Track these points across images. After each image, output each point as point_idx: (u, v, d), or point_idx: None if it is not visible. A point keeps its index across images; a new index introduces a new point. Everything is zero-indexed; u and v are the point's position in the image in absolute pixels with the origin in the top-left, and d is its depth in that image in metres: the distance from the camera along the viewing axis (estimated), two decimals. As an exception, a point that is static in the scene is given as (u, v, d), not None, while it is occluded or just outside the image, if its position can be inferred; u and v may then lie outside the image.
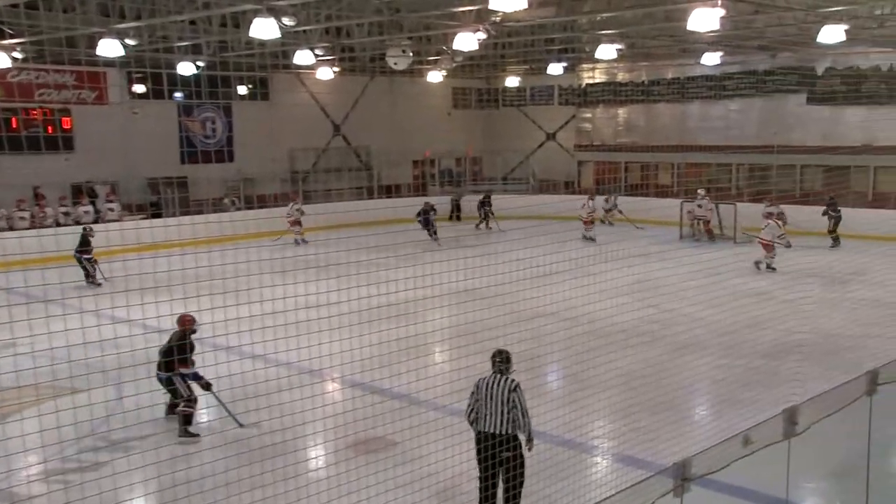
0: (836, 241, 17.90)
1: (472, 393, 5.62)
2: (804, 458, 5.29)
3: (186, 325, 7.24)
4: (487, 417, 5.47)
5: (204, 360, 4.95)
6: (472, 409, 5.61)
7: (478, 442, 5.47)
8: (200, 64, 20.66)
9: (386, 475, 5.68)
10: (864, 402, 5.99)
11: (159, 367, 7.14)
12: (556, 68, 24.78)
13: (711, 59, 21.28)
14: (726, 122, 25.10)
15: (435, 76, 25.99)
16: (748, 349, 9.72)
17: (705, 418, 8.02)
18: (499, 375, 5.63)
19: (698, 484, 4.27)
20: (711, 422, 7.49)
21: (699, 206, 19.87)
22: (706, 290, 10.44)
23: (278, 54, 21.14)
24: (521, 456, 5.40)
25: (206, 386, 7.08)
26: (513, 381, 5.61)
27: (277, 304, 5.08)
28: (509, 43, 21.82)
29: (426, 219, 19.31)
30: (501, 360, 5.74)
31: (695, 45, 20.87)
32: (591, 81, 28.87)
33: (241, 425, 7.01)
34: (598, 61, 25.02)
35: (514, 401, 5.48)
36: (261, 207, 22.18)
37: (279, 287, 5.25)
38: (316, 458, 6.69)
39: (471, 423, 5.62)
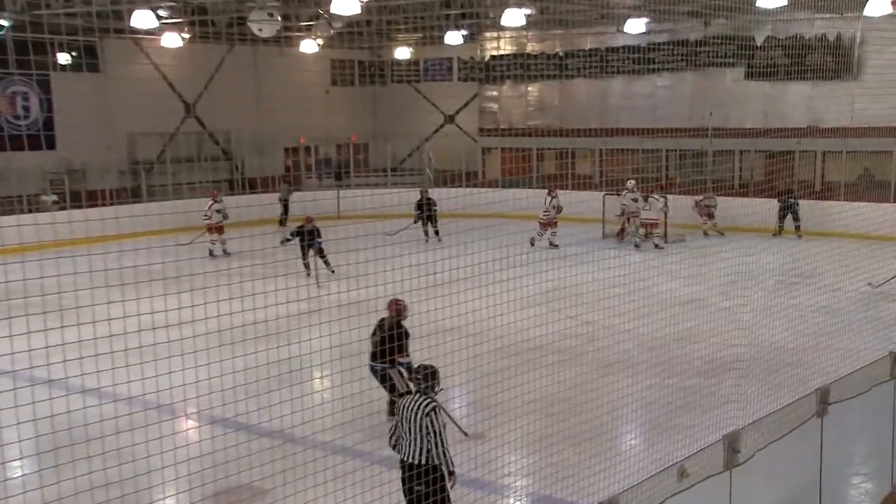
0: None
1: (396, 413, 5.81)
2: (748, 490, 5.57)
3: (401, 312, 8.35)
4: (405, 445, 5.62)
5: (17, 398, 4.72)
6: (392, 433, 5.76)
7: (401, 471, 5.62)
8: (4, 23, 19.65)
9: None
10: (815, 424, 6.37)
11: (373, 358, 8.27)
12: (454, 37, 25.04)
13: (635, 26, 22.12)
14: (653, 100, 26.12)
15: (309, 46, 25.80)
16: (681, 366, 10.14)
17: (634, 448, 8.30)
18: (419, 396, 5.74)
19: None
20: (641, 452, 7.76)
21: (634, 199, 20.52)
22: (632, 299, 10.81)
23: (109, 14, 20.42)
24: (442, 491, 5.44)
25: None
26: (429, 402, 5.70)
27: (115, 325, 4.92)
28: (398, 6, 21.93)
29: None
30: (422, 378, 5.84)
31: (616, 10, 21.65)
32: (496, 53, 29.37)
33: (466, 434, 8.02)
34: (503, 29, 25.52)
35: (427, 426, 5.54)
36: (92, 206, 21.34)
37: (117, 304, 5.08)
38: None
39: (393, 448, 5.79)
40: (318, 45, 26.06)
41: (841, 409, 6.55)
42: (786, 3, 15.36)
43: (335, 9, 15.70)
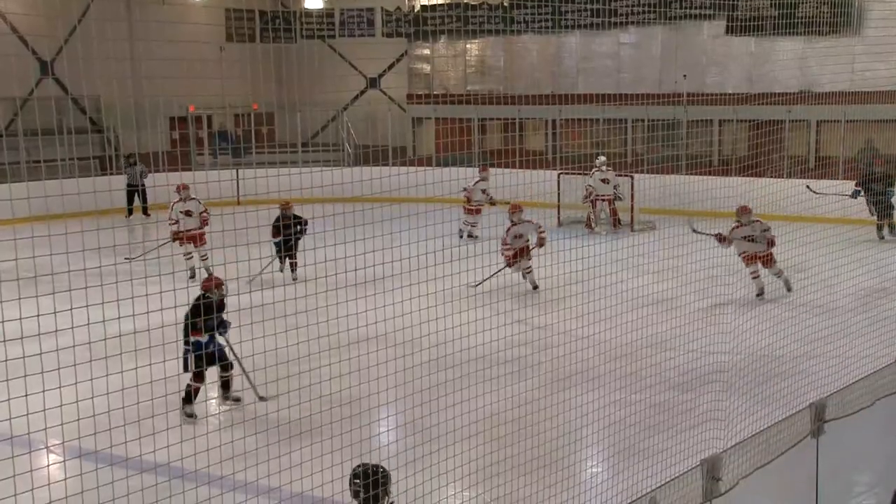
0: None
1: None
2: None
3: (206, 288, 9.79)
4: None
5: None
6: None
7: None
8: None
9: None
10: (809, 445, 6.54)
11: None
12: (378, -17, 25.07)
13: (595, -30, 22.24)
14: (617, 61, 26.45)
15: (198, -8, 25.51)
16: (651, 378, 10.31)
17: (597, 476, 8.43)
18: None
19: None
20: (606, 481, 7.89)
21: (604, 180, 20.78)
22: (593, 298, 10.88)
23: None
24: None
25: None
26: None
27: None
28: (309, -56, 21.81)
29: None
30: (362, 488, 5.66)
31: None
32: (427, 3, 29.38)
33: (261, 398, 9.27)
34: (437, -27, 25.56)
35: None
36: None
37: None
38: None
39: None
40: (210, -10, 25.81)
41: (840, 428, 6.73)
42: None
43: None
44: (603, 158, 21.02)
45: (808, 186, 16.31)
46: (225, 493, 6.48)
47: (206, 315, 9.29)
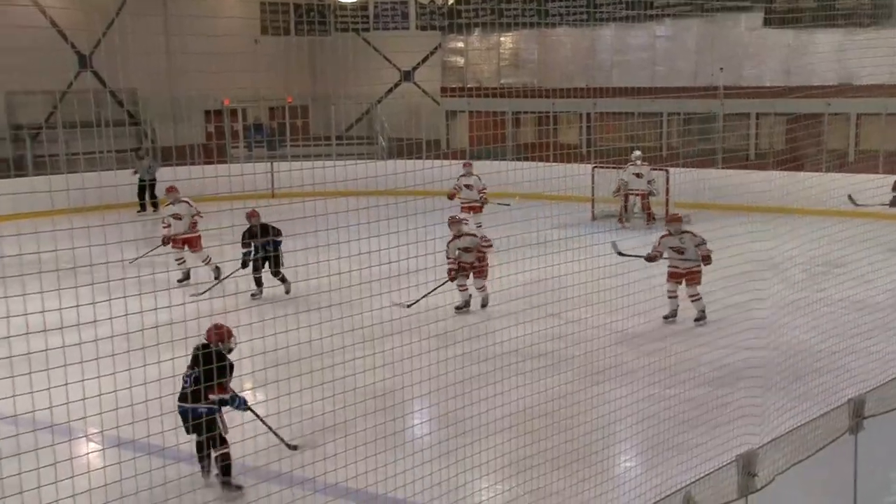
0: None
1: None
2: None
3: (223, 339, 8.09)
4: None
5: None
6: None
7: None
8: None
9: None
10: (847, 441, 6.49)
11: (183, 399, 7.66)
12: (412, -24, 25.11)
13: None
14: (652, 54, 26.28)
15: (234, -15, 25.68)
16: (685, 373, 10.25)
17: (630, 471, 8.40)
18: None
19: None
20: (639, 476, 7.86)
21: (637, 175, 20.71)
22: (627, 293, 10.84)
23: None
24: None
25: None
26: None
27: (-3, 326, 4.89)
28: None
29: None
30: None
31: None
32: (462, -5, 29.36)
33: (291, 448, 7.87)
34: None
35: None
36: None
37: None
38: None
39: None
40: (245, -16, 25.96)
41: (878, 424, 6.67)
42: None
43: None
44: (638, 153, 20.91)
45: (849, 197, 15.90)
46: (260, 483, 6.54)
47: (220, 369, 7.75)
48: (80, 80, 26.87)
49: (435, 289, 11.70)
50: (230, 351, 8.14)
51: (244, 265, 14.15)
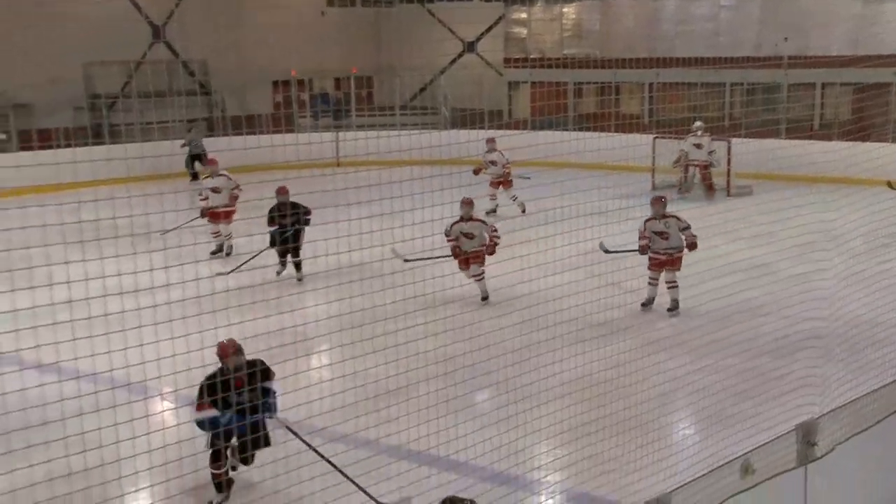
0: None
1: None
2: (827, 490, 5.62)
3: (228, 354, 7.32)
4: None
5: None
6: None
7: None
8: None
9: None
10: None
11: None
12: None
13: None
14: (715, 24, 25.84)
15: (301, -43, 25.77)
16: (745, 344, 10.16)
17: (688, 439, 8.38)
18: None
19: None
20: (697, 444, 7.83)
21: (697, 145, 20.48)
22: (686, 263, 10.79)
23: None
24: None
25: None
26: None
27: (76, 289, 5.00)
28: None
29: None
30: None
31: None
32: (525, -33, 29.14)
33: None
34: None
35: None
36: (45, 148, 21.50)
37: (77, 265, 5.17)
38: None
39: None
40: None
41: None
42: None
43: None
44: (699, 123, 20.64)
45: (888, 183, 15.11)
46: (326, 443, 6.64)
47: (224, 389, 7.14)
48: (154, 50, 27.19)
49: (437, 258, 11.02)
50: (238, 367, 7.31)
51: (273, 243, 13.50)
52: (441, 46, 30.66)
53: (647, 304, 12.32)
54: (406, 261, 10.70)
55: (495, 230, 12.27)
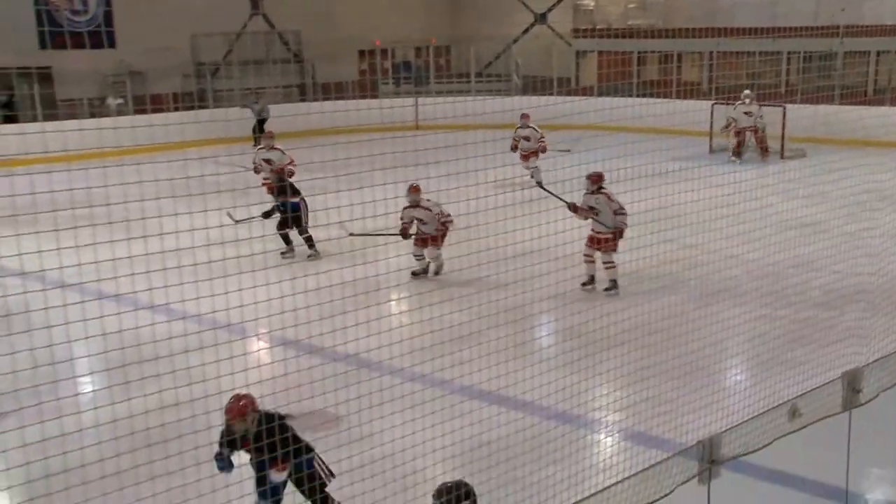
0: None
1: None
2: (870, 433, 5.51)
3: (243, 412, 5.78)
4: None
5: (85, 312, 4.98)
6: None
7: None
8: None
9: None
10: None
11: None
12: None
13: None
14: (773, -6, 25.13)
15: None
16: (796, 296, 9.99)
17: (740, 384, 8.27)
18: None
19: (730, 468, 4.45)
20: (748, 388, 7.73)
21: (747, 113, 20.08)
22: (742, 220, 10.58)
23: None
24: None
25: None
26: None
27: (183, 239, 5.09)
28: None
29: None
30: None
31: None
32: (594, -60, 28.65)
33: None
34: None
35: None
36: (157, 111, 21.90)
37: (184, 217, 5.25)
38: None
39: None
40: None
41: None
42: None
43: None
44: (747, 92, 20.17)
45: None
46: (404, 382, 6.70)
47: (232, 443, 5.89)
48: (253, 22, 27.37)
49: (386, 234, 9.88)
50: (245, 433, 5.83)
51: (265, 216, 11.60)
52: (513, 18, 30.34)
53: (588, 283, 10.63)
54: (351, 234, 10.02)
55: (447, 216, 10.90)
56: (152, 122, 19.68)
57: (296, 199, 11.78)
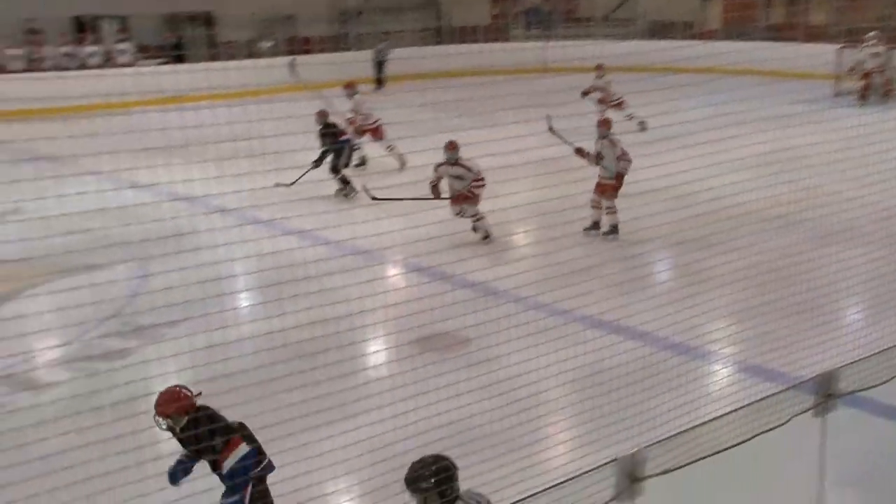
0: None
1: None
2: None
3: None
4: None
5: (243, 234, 5.17)
6: None
7: None
8: None
9: (457, 376, 5.90)
10: None
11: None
12: None
13: None
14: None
15: None
16: (918, 238, 9.46)
17: (857, 323, 7.94)
18: None
19: (847, 403, 4.29)
20: (865, 328, 7.43)
21: (874, 54, 19.01)
22: (863, 164, 10.01)
23: None
24: None
25: None
26: None
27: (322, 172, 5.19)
28: None
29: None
30: (427, 489, 3.41)
31: None
32: None
33: None
34: None
35: None
36: (305, 53, 22.26)
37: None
38: (374, 353, 7.00)
39: None
40: None
41: None
42: None
43: None
44: (874, 33, 18.98)
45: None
46: (528, 310, 6.72)
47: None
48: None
49: (412, 199, 8.61)
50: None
51: (317, 164, 11.25)
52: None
53: (591, 228, 9.92)
54: (374, 199, 8.89)
55: (480, 178, 9.67)
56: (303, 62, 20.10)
57: (340, 143, 11.51)
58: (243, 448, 4.20)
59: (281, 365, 4.75)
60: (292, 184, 10.01)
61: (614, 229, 9.89)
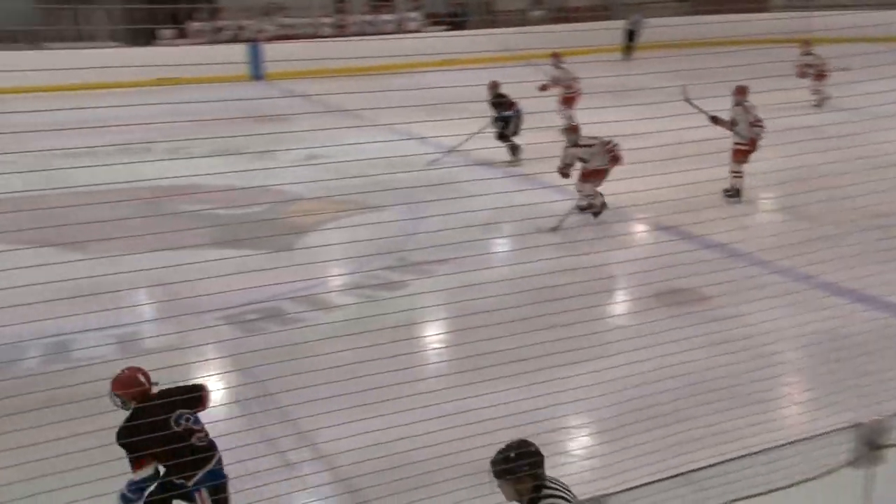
0: None
1: None
2: None
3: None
4: None
5: (505, 187, 5.35)
6: None
7: None
8: None
9: (694, 331, 5.79)
10: None
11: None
12: None
13: None
14: None
15: None
16: None
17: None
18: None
19: None
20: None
21: None
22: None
23: None
24: None
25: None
26: None
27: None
28: None
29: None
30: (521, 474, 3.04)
31: None
32: None
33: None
34: None
35: None
36: (567, 21, 22.21)
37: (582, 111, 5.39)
38: (614, 303, 6.97)
39: None
40: None
41: None
42: None
43: None
44: None
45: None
46: (771, 273, 6.42)
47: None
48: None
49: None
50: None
51: (500, 136, 11.12)
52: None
53: (730, 191, 9.18)
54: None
55: (612, 145, 8.46)
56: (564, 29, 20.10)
57: (510, 112, 11.01)
58: (146, 471, 3.58)
59: (529, 307, 4.89)
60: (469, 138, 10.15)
61: (737, 192, 9.23)
